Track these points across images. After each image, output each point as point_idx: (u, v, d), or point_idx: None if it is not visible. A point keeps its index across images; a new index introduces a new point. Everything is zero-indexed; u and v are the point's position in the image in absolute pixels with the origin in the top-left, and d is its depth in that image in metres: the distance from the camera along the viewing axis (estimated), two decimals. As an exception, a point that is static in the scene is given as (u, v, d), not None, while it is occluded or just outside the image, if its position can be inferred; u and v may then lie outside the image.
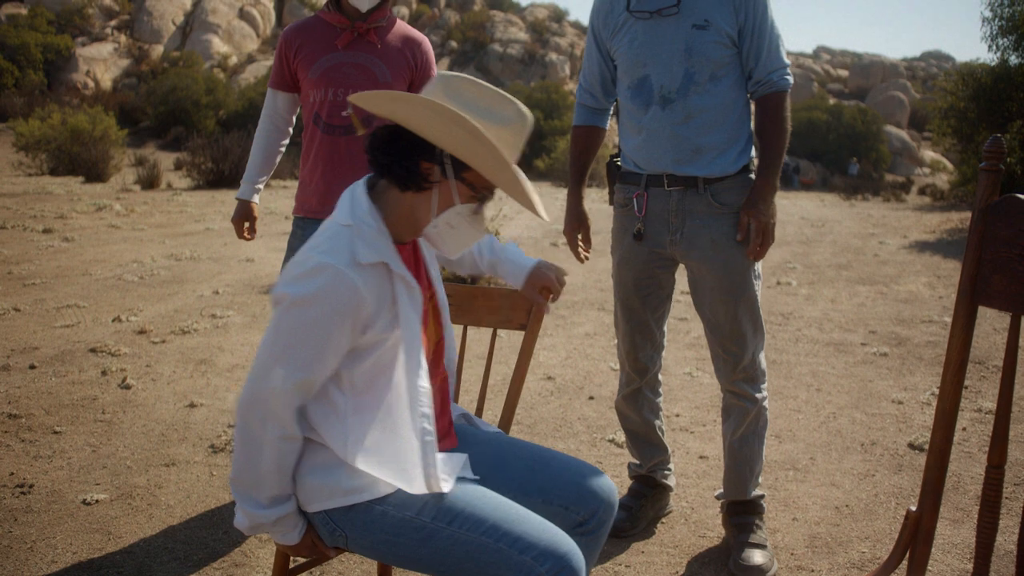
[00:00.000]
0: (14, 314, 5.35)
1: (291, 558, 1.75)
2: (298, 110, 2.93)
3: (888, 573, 1.45)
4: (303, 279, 1.44)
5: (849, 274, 7.41)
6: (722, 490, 2.67)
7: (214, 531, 2.68)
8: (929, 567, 2.47)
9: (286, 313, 1.44)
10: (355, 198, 1.55)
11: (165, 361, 4.43)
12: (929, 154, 38.65)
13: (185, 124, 28.82)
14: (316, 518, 1.56)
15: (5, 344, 4.65)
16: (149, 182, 15.08)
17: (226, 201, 12.58)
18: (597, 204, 14.50)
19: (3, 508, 2.79)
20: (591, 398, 4.00)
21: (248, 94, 30.67)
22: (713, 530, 2.72)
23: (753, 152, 2.50)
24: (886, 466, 3.21)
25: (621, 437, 3.44)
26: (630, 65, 2.44)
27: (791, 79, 2.44)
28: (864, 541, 2.63)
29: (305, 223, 2.80)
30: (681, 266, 2.59)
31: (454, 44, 43.48)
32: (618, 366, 4.47)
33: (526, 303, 1.95)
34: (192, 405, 3.76)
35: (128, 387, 3.98)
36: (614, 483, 1.76)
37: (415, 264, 1.66)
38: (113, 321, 5.22)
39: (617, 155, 2.63)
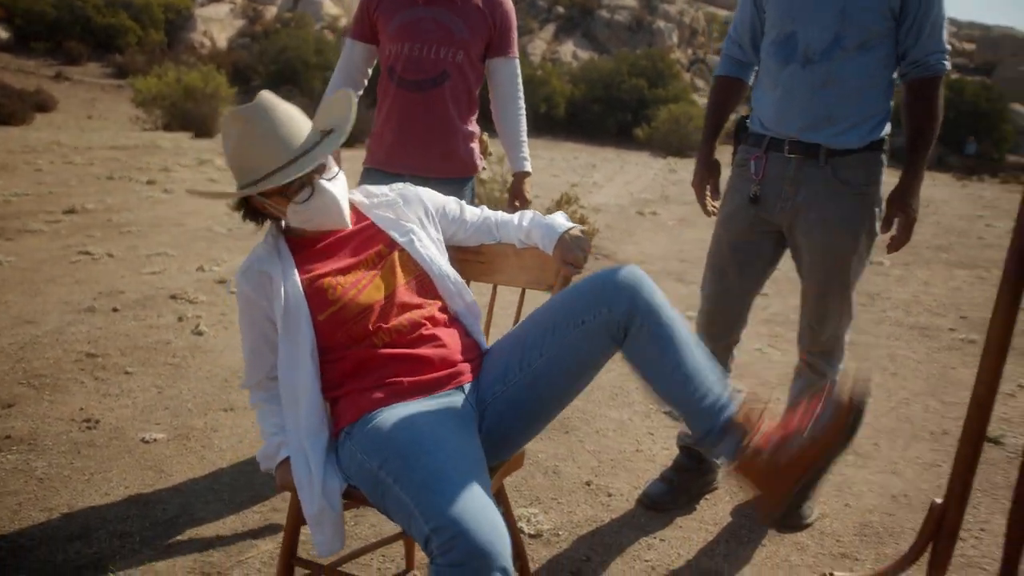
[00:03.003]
0: (107, 259, 5.59)
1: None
2: (375, 62, 2.90)
3: (905, 568, 1.36)
4: None
5: (948, 256, 7.04)
6: None
7: (259, 476, 2.74)
8: (983, 565, 2.33)
9: None
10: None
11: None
12: (1060, 135, 36.18)
13: (294, 83, 29.49)
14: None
15: (95, 287, 4.86)
16: (252, 139, 15.53)
17: (322, 160, 12.81)
18: (691, 175, 14.23)
19: (69, 441, 2.92)
20: (653, 369, 3.91)
21: (354, 55, 31.15)
22: (757, 510, 2.63)
23: (886, 130, 2.37)
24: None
25: (677, 410, 3.35)
26: (779, 19, 2.36)
27: (948, 64, 2.32)
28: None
29: (372, 173, 2.80)
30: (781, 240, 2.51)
31: (561, 10, 43.03)
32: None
33: (555, 264, 1.90)
34: (258, 354, 3.85)
35: (200, 333, 4.11)
36: (636, 271, 1.64)
37: (348, 236, 1.83)
38: (196, 270, 5.40)
39: (747, 116, 2.56)
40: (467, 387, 1.76)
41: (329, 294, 1.74)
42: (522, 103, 2.86)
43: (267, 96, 1.74)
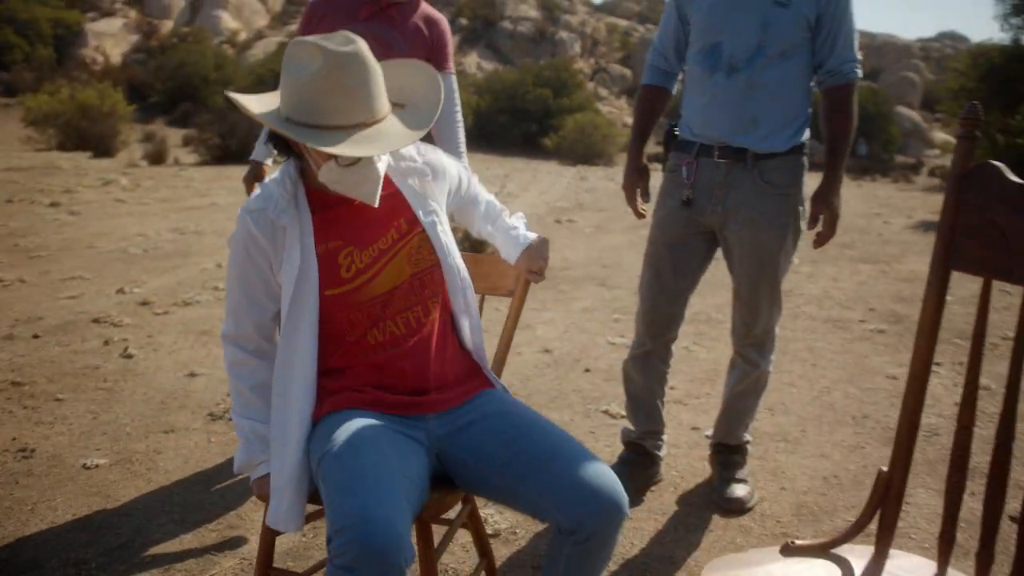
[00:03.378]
0: (19, 285, 5.41)
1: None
2: None
3: (858, 532, 1.48)
4: None
5: (852, 253, 7.41)
6: (712, 431, 2.87)
7: (210, 495, 2.73)
8: (911, 535, 2.51)
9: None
10: (286, 161, 1.72)
11: (167, 332, 4.48)
12: (940, 135, 38.37)
13: (193, 100, 28.76)
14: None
15: (9, 314, 4.70)
16: (156, 157, 15.14)
17: (232, 176, 12.61)
18: (602, 182, 14.50)
19: (5, 472, 2.84)
20: (587, 370, 4.03)
21: (257, 70, 30.58)
22: (701, 497, 2.76)
23: (806, 135, 2.54)
24: (876, 439, 3.24)
25: (615, 408, 3.47)
26: (704, 30, 2.50)
27: (860, 72, 2.50)
28: (850, 510, 2.66)
29: None
30: (713, 240, 2.65)
31: (464, 21, 43.24)
32: (615, 340, 4.52)
33: (514, 270, 1.98)
34: (192, 374, 3.81)
35: (129, 356, 4.03)
36: (624, 496, 1.58)
37: (373, 208, 1.70)
38: (116, 293, 5.27)
39: (675, 124, 2.68)
40: (431, 418, 1.71)
41: (343, 271, 1.67)
42: (460, 116, 2.94)
43: (363, 45, 1.57)
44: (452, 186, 1.91)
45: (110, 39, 36.62)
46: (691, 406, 3.59)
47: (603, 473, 1.59)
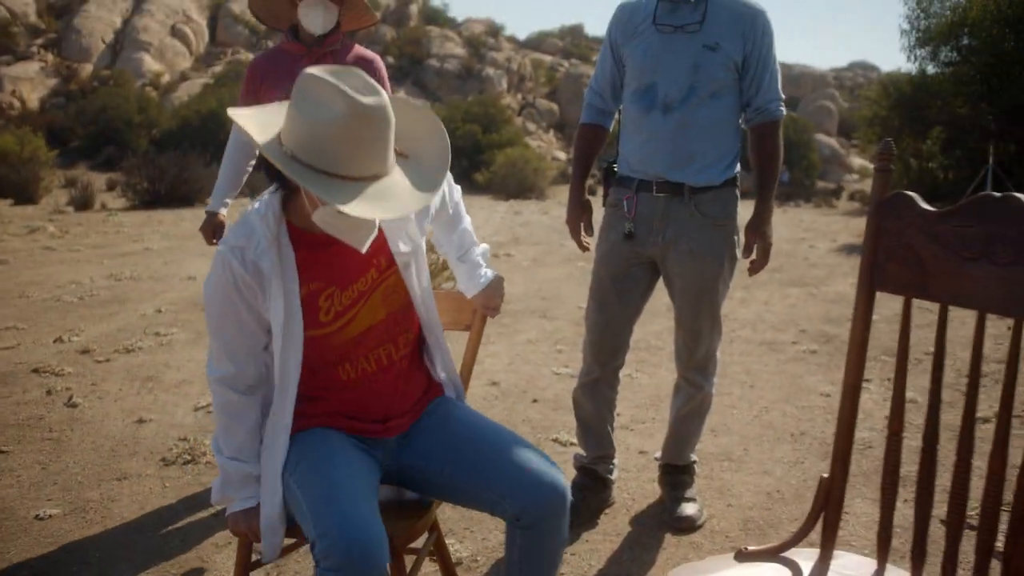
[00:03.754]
0: (-49, 338, 5.27)
1: (252, 551, 1.85)
2: None
3: (804, 536, 1.60)
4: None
5: (781, 277, 7.70)
6: (661, 453, 2.99)
7: (170, 539, 2.73)
8: (851, 542, 2.66)
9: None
10: (271, 192, 1.69)
11: (111, 379, 4.43)
12: (858, 161, 39.95)
13: (117, 144, 28.16)
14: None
15: (-56, 368, 4.59)
16: (83, 203, 14.82)
17: (164, 221, 12.46)
18: (536, 216, 14.71)
19: (-46, 527, 2.80)
20: (535, 401, 4.13)
21: (181, 112, 30.14)
22: (652, 517, 2.87)
23: (737, 168, 2.71)
24: (814, 454, 3.40)
25: (565, 436, 3.57)
26: (640, 71, 2.64)
27: (784, 110, 2.69)
28: (794, 522, 2.80)
29: None
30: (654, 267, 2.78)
31: (391, 60, 43.47)
32: (560, 370, 4.63)
33: (470, 305, 2.08)
34: (141, 421, 3.79)
35: (75, 405, 3.99)
36: (564, 482, 1.71)
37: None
38: (55, 341, 5.19)
39: (613, 161, 2.81)
40: (391, 440, 1.84)
41: (322, 315, 1.71)
42: None
43: (385, 96, 1.51)
44: (435, 209, 1.94)
45: (27, 83, 35.73)
46: (637, 431, 3.72)
47: (543, 462, 1.73)
